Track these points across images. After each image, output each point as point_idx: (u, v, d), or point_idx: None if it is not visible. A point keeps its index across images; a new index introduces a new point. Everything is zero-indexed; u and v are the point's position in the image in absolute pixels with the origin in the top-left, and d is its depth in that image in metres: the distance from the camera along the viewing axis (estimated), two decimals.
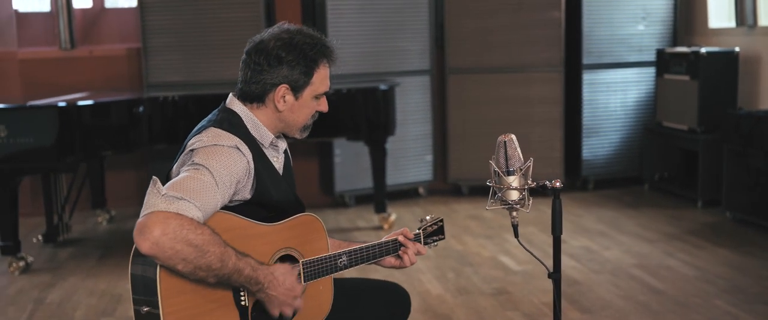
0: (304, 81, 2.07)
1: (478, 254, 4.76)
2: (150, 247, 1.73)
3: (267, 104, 2.09)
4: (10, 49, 5.92)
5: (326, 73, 2.13)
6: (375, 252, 2.22)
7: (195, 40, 5.81)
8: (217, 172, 1.90)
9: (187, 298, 1.84)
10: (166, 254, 1.75)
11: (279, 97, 2.07)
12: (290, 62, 2.05)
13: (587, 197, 6.23)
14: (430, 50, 6.22)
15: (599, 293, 4.00)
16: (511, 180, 2.12)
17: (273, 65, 2.05)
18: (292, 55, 2.05)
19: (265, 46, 2.07)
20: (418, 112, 6.26)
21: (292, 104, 2.09)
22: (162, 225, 1.73)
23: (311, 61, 2.07)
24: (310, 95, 2.10)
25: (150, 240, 1.73)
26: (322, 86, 2.12)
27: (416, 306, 3.89)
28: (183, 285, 1.84)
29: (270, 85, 2.06)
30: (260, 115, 2.10)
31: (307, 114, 2.13)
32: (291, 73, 2.05)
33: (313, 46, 2.08)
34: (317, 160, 6.32)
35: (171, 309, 1.82)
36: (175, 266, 1.77)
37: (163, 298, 1.81)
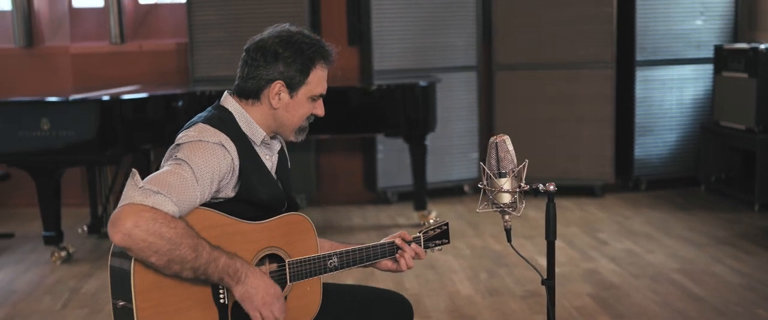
0: (299, 79, 2.05)
1: (514, 254, 4.62)
2: (122, 239, 1.73)
3: (262, 101, 2.07)
4: (63, 44, 6.07)
5: (323, 74, 2.11)
6: (369, 255, 2.17)
7: (240, 35, 5.81)
8: (198, 168, 1.88)
9: (162, 294, 1.83)
10: (139, 246, 1.74)
11: (274, 93, 2.05)
12: (287, 59, 2.03)
13: (638, 198, 6.03)
14: (476, 46, 6.11)
15: (635, 298, 3.85)
16: (502, 182, 2.02)
17: (269, 61, 2.03)
18: (289, 51, 2.03)
19: (264, 43, 2.06)
20: (464, 108, 6.17)
21: (287, 102, 2.07)
22: (135, 218, 1.74)
23: (308, 60, 2.05)
24: (305, 95, 2.08)
25: (122, 231, 1.73)
26: (319, 87, 2.10)
27: (443, 306, 3.83)
28: (158, 280, 1.82)
29: (265, 81, 2.05)
30: (254, 113, 2.08)
31: (302, 115, 2.10)
32: (287, 70, 2.04)
33: (310, 46, 2.06)
34: (361, 156, 6.29)
35: (145, 304, 1.81)
36: (148, 258, 1.77)
37: (137, 293, 1.80)
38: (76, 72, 6.00)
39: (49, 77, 6.00)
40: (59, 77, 5.98)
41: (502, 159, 2.03)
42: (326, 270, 2.09)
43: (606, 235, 5.00)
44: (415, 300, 3.91)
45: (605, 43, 5.96)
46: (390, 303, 2.31)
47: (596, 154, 6.08)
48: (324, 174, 6.26)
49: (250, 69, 2.05)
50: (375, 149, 5.99)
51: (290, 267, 2.02)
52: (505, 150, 2.03)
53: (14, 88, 5.87)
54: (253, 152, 2.05)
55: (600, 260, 4.48)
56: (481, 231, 5.16)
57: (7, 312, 3.94)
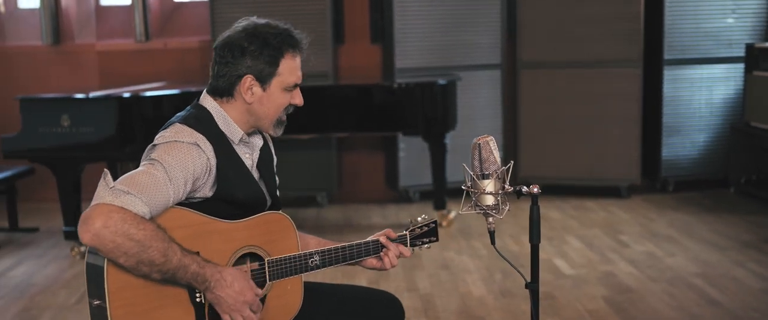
0: (269, 71, 2.03)
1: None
2: (90, 239, 1.73)
3: (236, 98, 2.05)
4: (89, 41, 6.14)
5: (295, 63, 2.07)
6: (353, 253, 2.14)
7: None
8: (171, 168, 1.87)
9: (137, 293, 1.82)
10: (107, 247, 1.74)
11: (246, 88, 2.03)
12: (253, 52, 2.01)
13: (664, 199, 5.91)
14: (501, 44, 6.04)
15: (651, 302, 3.77)
16: (485, 184, 1.98)
17: (237, 56, 2.01)
18: (255, 44, 2.01)
19: (231, 39, 2.04)
20: (488, 107, 6.10)
21: (261, 95, 2.05)
22: (104, 218, 1.73)
23: (275, 51, 2.02)
24: (278, 86, 2.05)
25: (91, 231, 1.73)
26: (292, 77, 2.06)
27: (454, 307, 3.79)
28: (132, 279, 1.82)
29: (235, 77, 2.02)
30: (230, 110, 2.06)
31: (278, 107, 2.08)
32: (255, 64, 2.01)
33: (276, 36, 2.03)
34: (383, 154, 6.27)
35: (119, 304, 1.80)
36: (117, 259, 1.76)
37: (111, 292, 1.79)
38: (102, 69, 6.07)
39: (76, 74, 6.08)
40: (85, 74, 6.06)
41: (485, 160, 1.98)
42: (308, 269, 2.07)
43: (627, 237, 4.91)
44: (427, 300, 3.88)
45: (632, 41, 5.85)
46: (381, 303, 2.28)
47: (622, 155, 5.98)
48: (346, 173, 6.25)
49: (220, 67, 2.03)
50: (397, 147, 5.96)
51: (269, 266, 2.00)
52: (488, 151, 1.99)
53: (42, 84, 5.97)
54: (231, 151, 2.04)
55: (618, 262, 4.39)
56: (501, 232, 5.10)
57: (25, 304, 4.00)
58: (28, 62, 6.14)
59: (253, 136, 2.15)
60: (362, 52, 6.13)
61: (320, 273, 2.14)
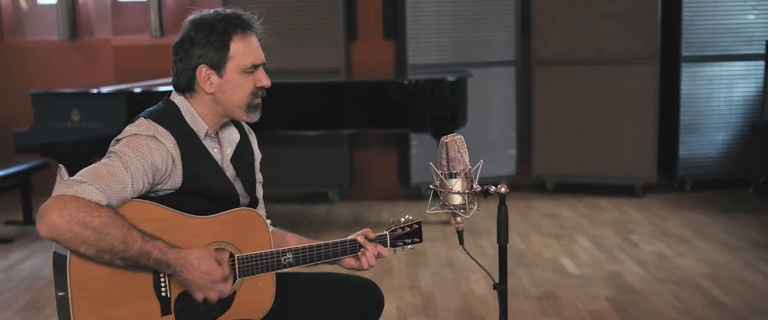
0: (220, 57, 2.01)
1: (538, 254, 4.54)
2: (47, 231, 1.74)
3: (198, 91, 2.04)
4: (105, 37, 6.20)
5: (248, 44, 2.03)
6: (328, 252, 2.12)
7: (276, 28, 5.83)
8: (128, 158, 1.88)
9: (101, 285, 1.83)
10: (65, 237, 1.74)
11: (203, 79, 2.02)
12: (200, 40, 1.99)
13: (680, 199, 5.82)
14: (515, 40, 5.98)
15: (654, 304, 3.71)
16: (452, 183, 1.95)
17: (187, 49, 2.01)
18: (202, 33, 1.99)
19: (181, 35, 2.04)
20: (502, 104, 6.05)
21: (220, 83, 2.03)
22: (58, 209, 1.73)
23: (222, 34, 1.99)
24: (235, 70, 2.02)
25: (46, 224, 1.73)
26: (248, 58, 2.03)
27: (454, 305, 3.76)
28: (96, 271, 1.82)
29: (191, 70, 2.02)
30: (196, 105, 2.06)
31: (244, 91, 2.05)
32: (205, 52, 2.00)
33: (222, 20, 2.00)
34: (395, 152, 6.24)
35: (81, 295, 1.81)
36: (77, 249, 1.77)
37: (73, 284, 1.80)
38: (118, 64, 6.12)
39: (92, 69, 6.14)
40: (101, 69, 6.12)
41: (452, 159, 1.96)
42: (280, 267, 2.06)
43: (638, 237, 4.83)
44: (427, 298, 3.86)
45: (649, 37, 5.76)
46: (360, 291, 2.26)
47: (638, 153, 5.89)
48: (358, 169, 6.24)
49: (176, 64, 2.04)
50: (409, 144, 5.93)
51: (239, 262, 2.00)
52: (455, 150, 1.96)
53: (58, 79, 6.03)
54: (198, 145, 2.03)
55: (626, 263, 4.33)
56: (509, 230, 5.04)
57: (31, 297, 4.05)
58: (45, 57, 6.22)
59: (225, 131, 2.13)
60: (375, 49, 6.12)
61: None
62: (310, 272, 2.33)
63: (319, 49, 5.86)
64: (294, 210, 5.75)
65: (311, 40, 5.86)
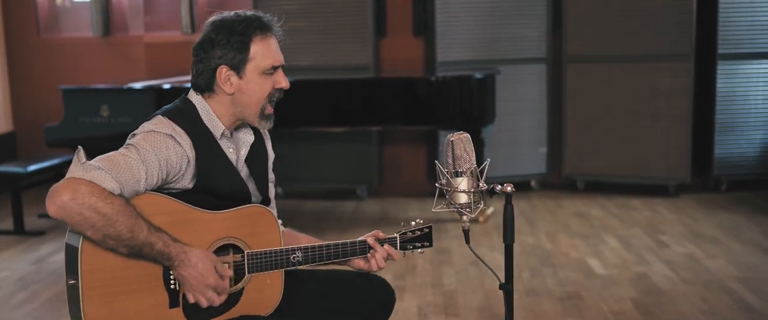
0: (240, 58, 2.02)
1: (565, 254, 4.48)
2: (56, 211, 1.76)
3: (217, 92, 2.06)
4: (137, 34, 6.27)
5: (268, 46, 2.05)
6: (338, 252, 2.11)
7: (307, 25, 5.88)
8: (145, 151, 1.89)
9: (112, 276, 1.84)
10: (74, 219, 1.76)
11: (223, 79, 2.03)
12: (221, 42, 2.01)
13: (715, 199, 5.70)
14: (546, 37, 5.92)
15: (681, 306, 3.63)
16: (458, 182, 1.93)
17: (207, 50, 2.02)
18: (222, 34, 2.01)
19: (202, 37, 2.06)
20: (533, 101, 5.99)
21: (239, 84, 2.04)
22: (71, 191, 1.75)
23: (242, 36, 2.01)
24: (254, 71, 2.03)
25: (57, 203, 1.75)
26: (267, 60, 2.04)
27: (476, 304, 3.73)
28: (107, 261, 1.83)
29: (211, 71, 2.03)
30: (214, 105, 2.06)
31: (261, 92, 2.06)
32: (225, 53, 2.01)
33: (241, 22, 2.02)
34: (424, 149, 6.22)
35: (92, 285, 1.83)
36: (85, 232, 1.79)
37: (84, 273, 1.82)
38: (149, 61, 6.19)
39: (124, 66, 6.22)
40: (133, 66, 6.19)
41: (458, 157, 1.93)
42: (289, 265, 2.05)
43: (668, 238, 4.75)
44: (450, 296, 3.83)
45: (684, 34, 5.65)
46: (371, 287, 2.25)
47: (671, 152, 5.78)
48: (387, 166, 6.23)
49: (197, 65, 2.05)
50: (438, 141, 5.90)
51: (249, 258, 2.00)
52: (461, 149, 1.93)
53: (92, 75, 6.12)
54: (214, 144, 2.04)
55: (654, 264, 4.25)
56: (537, 229, 5.01)
57: (59, 290, 4.11)
58: (79, 53, 6.31)
59: (240, 131, 2.14)
60: (404, 45, 6.10)
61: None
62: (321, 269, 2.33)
63: (347, 46, 5.85)
64: (322, 206, 5.75)
65: (340, 36, 5.86)
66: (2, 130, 6.20)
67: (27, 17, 6.29)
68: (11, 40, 6.31)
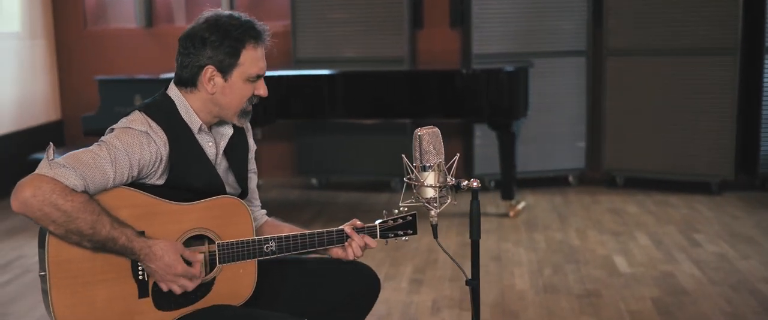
0: (229, 62, 2.04)
1: (592, 251, 4.39)
2: (18, 206, 1.81)
3: (199, 88, 2.08)
4: (177, 25, 6.39)
5: (257, 54, 2.07)
6: (313, 241, 2.12)
7: (341, 18, 5.89)
8: (117, 150, 1.92)
9: (78, 267, 1.88)
10: (35, 215, 1.81)
11: (207, 79, 2.06)
12: (213, 43, 2.03)
13: (759, 198, 5.51)
14: (586, 29, 5.80)
15: (702, 307, 3.53)
16: (425, 176, 1.91)
17: (198, 47, 2.04)
18: (216, 35, 2.03)
19: (193, 31, 2.08)
20: (571, 95, 5.88)
21: (223, 86, 2.06)
22: (33, 188, 1.80)
23: (236, 41, 2.03)
24: (239, 77, 2.06)
25: (19, 200, 1.80)
26: (254, 68, 2.07)
27: (490, 299, 3.69)
28: (74, 252, 1.87)
29: (197, 68, 2.05)
30: (193, 100, 2.09)
31: (241, 97, 2.09)
32: (216, 54, 2.03)
33: (238, 27, 2.04)
34: (460, 141, 6.17)
35: (60, 275, 1.87)
36: (47, 226, 1.84)
37: (51, 264, 1.86)
38: None
39: (167, 56, 6.32)
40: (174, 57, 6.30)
41: (425, 152, 1.91)
42: (263, 255, 2.07)
43: (702, 236, 4.61)
44: (466, 291, 3.78)
45: (728, 27, 5.46)
46: (354, 275, 2.24)
47: (714, 149, 5.61)
48: None
49: (183, 58, 2.07)
50: (473, 135, 5.85)
51: (219, 249, 2.02)
52: (428, 143, 1.91)
53: (135, 66, 6.26)
54: (191, 139, 2.07)
55: (682, 263, 4.14)
56: (567, 225, 4.92)
57: None
58: (123, 44, 6.46)
59: (220, 126, 2.16)
60: (441, 37, 6.06)
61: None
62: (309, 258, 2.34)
63: (383, 38, 5.84)
64: (355, 198, 5.77)
65: (376, 28, 5.85)
66: (50, 119, 6.40)
67: (75, 10, 6.47)
68: (60, 33, 6.50)
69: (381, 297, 3.67)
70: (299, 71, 5.28)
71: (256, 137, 6.53)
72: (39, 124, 6.24)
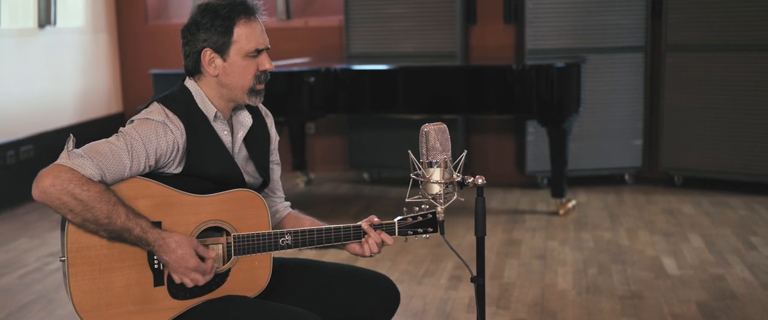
0: (223, 41, 2.07)
1: (640, 252, 4.29)
2: (38, 195, 1.87)
3: (204, 73, 2.11)
4: None
5: (251, 29, 2.08)
6: (330, 237, 2.12)
7: (393, 13, 5.88)
8: (134, 141, 1.97)
9: (96, 253, 1.93)
10: (54, 203, 1.87)
11: (207, 62, 2.09)
12: (205, 25, 2.06)
13: None
14: (645, 24, 5.65)
15: (750, 312, 3.40)
16: (431, 172, 1.89)
17: (194, 33, 2.09)
18: (207, 17, 2.06)
19: (189, 20, 2.12)
20: (628, 92, 5.74)
21: (223, 66, 2.09)
22: (52, 178, 1.86)
23: (225, 20, 2.06)
24: (237, 54, 2.08)
25: (39, 188, 1.87)
26: (251, 43, 2.08)
27: (530, 298, 3.64)
28: (93, 240, 1.93)
29: (196, 53, 2.09)
30: (204, 88, 2.13)
31: (245, 74, 2.10)
32: (209, 36, 2.07)
33: (226, 6, 2.07)
34: (513, 138, 6.10)
35: (77, 262, 1.92)
36: (65, 215, 1.90)
37: (70, 251, 1.92)
38: None
39: None
40: None
41: (431, 148, 1.89)
42: (278, 248, 2.08)
43: (759, 239, 4.45)
44: (505, 289, 3.76)
45: None
46: (374, 287, 2.24)
47: None
48: (474, 155, 6.16)
49: (184, 48, 2.12)
50: (525, 132, 5.77)
51: (235, 241, 2.04)
52: (434, 139, 1.89)
53: None
54: (207, 127, 2.09)
55: (735, 266, 4.00)
56: (617, 225, 4.81)
57: None
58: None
59: (239, 114, 2.19)
60: (495, 33, 5.99)
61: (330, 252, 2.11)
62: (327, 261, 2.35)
63: (435, 33, 5.81)
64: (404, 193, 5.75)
65: (428, 24, 5.82)
66: (112, 111, 6.59)
67: (136, 5, 6.63)
68: (122, 27, 6.68)
69: (417, 293, 3.69)
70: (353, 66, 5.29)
71: (309, 132, 6.60)
72: (101, 116, 6.42)
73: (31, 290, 3.83)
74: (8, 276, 4.09)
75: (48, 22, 5.75)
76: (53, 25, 5.81)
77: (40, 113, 5.74)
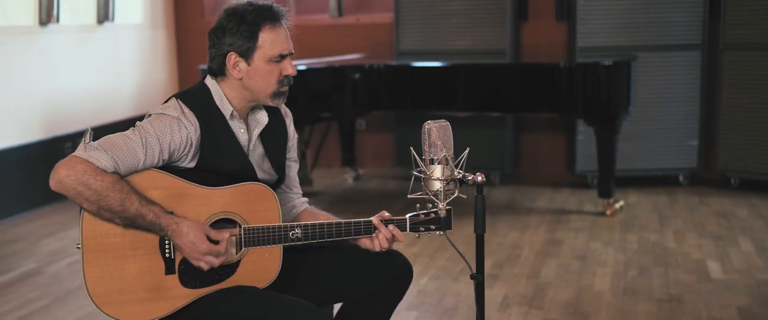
0: (249, 46, 2.11)
1: (686, 255, 4.18)
2: (55, 185, 1.96)
3: (228, 76, 2.17)
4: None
5: (276, 35, 2.13)
6: (340, 231, 2.14)
7: (442, 11, 5.87)
8: (148, 135, 2.04)
9: (109, 241, 2.01)
10: (70, 193, 1.96)
11: (232, 65, 2.14)
12: (231, 30, 2.11)
13: None
14: (702, 22, 5.50)
15: None
16: (432, 169, 1.89)
17: (220, 37, 2.14)
18: (233, 22, 2.11)
19: (216, 23, 2.17)
20: (683, 91, 5.60)
21: (247, 70, 2.14)
22: (68, 169, 1.95)
23: (251, 25, 2.10)
24: (262, 59, 2.12)
25: (55, 178, 1.96)
26: (275, 48, 2.12)
27: (564, 299, 3.59)
28: (107, 228, 2.00)
29: (221, 56, 2.15)
30: (226, 88, 2.18)
31: (268, 78, 2.15)
32: (235, 40, 2.12)
33: (252, 12, 2.12)
34: (563, 137, 6.02)
35: (92, 249, 2.00)
36: (81, 204, 1.98)
37: (85, 238, 2.00)
38: (300, 43, 6.41)
39: None
40: None
41: (432, 145, 1.89)
42: (288, 241, 2.11)
43: None
44: (540, 288, 3.72)
45: None
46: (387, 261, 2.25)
47: None
48: (524, 153, 6.10)
49: (210, 50, 2.18)
50: (575, 131, 5.69)
51: (245, 232, 2.08)
52: (435, 136, 1.90)
53: None
54: (223, 125, 2.15)
55: None
56: (665, 227, 4.71)
57: None
58: None
59: (256, 113, 2.24)
60: (546, 30, 5.92)
61: None
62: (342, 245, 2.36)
63: (485, 31, 5.77)
64: None
65: (478, 21, 5.79)
66: None
67: (194, 1, 6.78)
68: (179, 23, 6.84)
69: (451, 290, 3.69)
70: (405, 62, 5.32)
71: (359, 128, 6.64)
72: None
73: (77, 278, 3.97)
74: (58, 263, 4.24)
75: (107, 18, 5.93)
76: (112, 21, 5.99)
77: (99, 107, 5.92)
